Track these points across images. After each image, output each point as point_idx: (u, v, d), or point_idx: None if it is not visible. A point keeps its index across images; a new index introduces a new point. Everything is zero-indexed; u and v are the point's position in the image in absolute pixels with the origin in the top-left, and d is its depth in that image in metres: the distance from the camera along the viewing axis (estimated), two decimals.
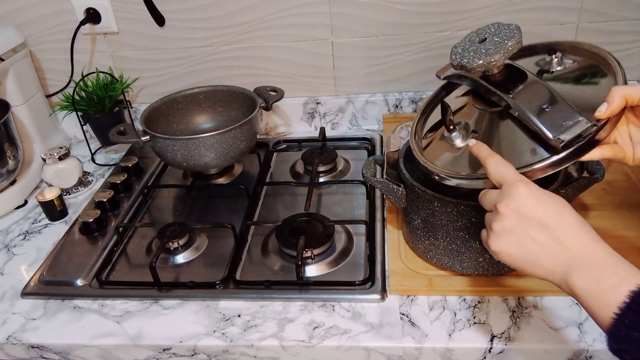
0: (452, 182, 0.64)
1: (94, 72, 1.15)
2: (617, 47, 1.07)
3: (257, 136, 1.03)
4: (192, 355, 0.71)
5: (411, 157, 0.81)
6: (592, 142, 0.56)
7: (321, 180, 1.02)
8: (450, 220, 0.69)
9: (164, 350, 0.71)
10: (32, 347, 0.74)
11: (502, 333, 0.67)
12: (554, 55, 0.67)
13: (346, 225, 0.87)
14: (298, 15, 1.08)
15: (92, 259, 0.86)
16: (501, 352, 0.66)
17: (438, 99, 0.77)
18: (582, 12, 1.03)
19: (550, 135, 0.57)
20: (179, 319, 0.74)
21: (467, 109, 0.70)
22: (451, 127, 0.67)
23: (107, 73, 1.13)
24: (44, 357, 0.75)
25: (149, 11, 1.10)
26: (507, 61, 0.66)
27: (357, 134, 1.17)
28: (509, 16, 1.04)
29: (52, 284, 0.82)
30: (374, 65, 1.13)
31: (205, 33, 1.12)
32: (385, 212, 0.89)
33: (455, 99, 0.74)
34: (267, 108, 1.04)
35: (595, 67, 0.66)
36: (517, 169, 0.56)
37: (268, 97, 1.04)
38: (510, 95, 0.62)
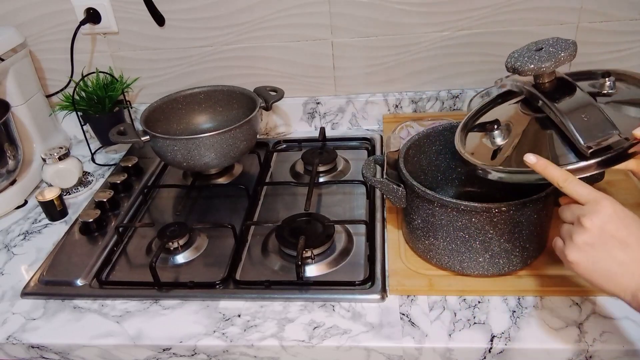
0: (494, 176, 0.66)
1: (94, 72, 1.15)
2: (617, 47, 1.07)
3: (257, 136, 1.03)
4: (192, 355, 0.71)
5: (411, 157, 0.81)
6: (621, 156, 0.59)
7: (321, 180, 1.02)
8: (450, 220, 0.70)
9: (164, 350, 0.71)
10: (32, 347, 0.74)
11: (502, 333, 0.67)
12: (607, 79, 0.70)
13: (346, 225, 0.87)
14: (298, 15, 1.08)
15: (92, 259, 0.86)
16: (501, 352, 0.66)
17: (493, 103, 0.80)
18: (582, 12, 1.03)
19: (581, 141, 0.60)
20: (179, 319, 0.74)
21: (515, 114, 0.73)
22: (495, 125, 0.70)
23: (107, 73, 1.13)
24: (44, 357, 0.75)
25: (149, 11, 1.10)
26: (561, 75, 0.69)
27: (357, 134, 1.17)
28: (509, 16, 1.04)
29: (52, 284, 0.82)
30: (374, 65, 1.13)
31: (205, 33, 1.12)
32: (385, 212, 0.89)
33: (507, 106, 0.77)
34: (267, 108, 1.04)
35: None
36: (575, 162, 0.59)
37: (268, 97, 1.04)
38: (554, 102, 0.65)
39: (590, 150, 0.59)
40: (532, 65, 0.65)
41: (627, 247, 0.52)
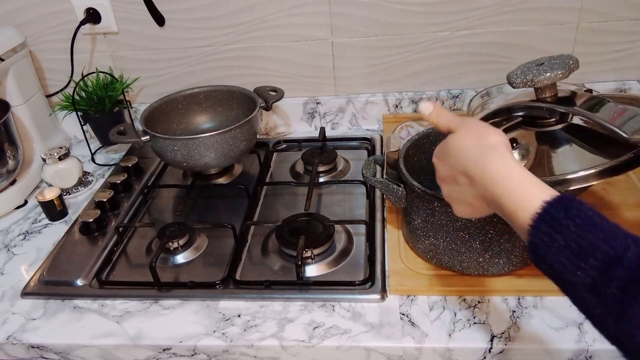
0: None
1: (94, 72, 1.15)
2: (617, 47, 1.07)
3: (257, 136, 1.03)
4: (192, 355, 0.71)
5: (411, 157, 0.81)
6: None
7: (321, 180, 1.02)
8: (450, 220, 0.70)
9: (164, 350, 0.71)
10: (32, 347, 0.74)
11: (502, 333, 0.67)
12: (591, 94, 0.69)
13: (346, 225, 0.87)
14: (298, 15, 1.08)
15: (92, 259, 0.86)
16: (501, 352, 0.66)
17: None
18: (582, 12, 1.03)
19: (625, 135, 0.58)
20: (179, 319, 0.74)
21: (520, 133, 0.71)
22: (514, 144, 0.68)
23: (107, 73, 1.13)
24: (44, 357, 0.75)
25: (149, 11, 1.10)
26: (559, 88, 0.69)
27: (357, 134, 1.17)
28: (509, 16, 1.04)
29: (52, 284, 0.82)
30: (374, 65, 1.13)
31: (205, 33, 1.12)
32: (385, 212, 0.89)
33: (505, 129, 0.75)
34: (267, 108, 1.04)
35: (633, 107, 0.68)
36: (588, 169, 0.59)
37: (268, 97, 1.04)
38: (575, 107, 0.64)
39: None
40: (548, 74, 0.64)
41: (472, 182, 0.51)
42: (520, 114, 0.71)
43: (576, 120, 0.65)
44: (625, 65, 1.09)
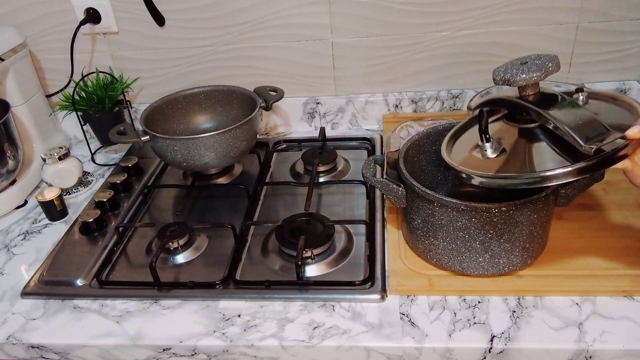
0: (476, 181, 0.66)
1: (94, 72, 1.15)
2: (617, 47, 1.07)
3: (257, 136, 1.03)
4: (192, 355, 0.71)
5: (411, 157, 0.81)
6: (620, 155, 0.60)
7: (321, 180, 1.02)
8: (450, 220, 0.70)
9: (164, 350, 0.71)
10: (32, 347, 0.74)
11: (502, 333, 0.67)
12: (580, 93, 0.71)
13: (346, 225, 0.87)
14: (298, 15, 1.08)
15: (92, 259, 0.86)
16: (501, 352, 0.66)
17: (469, 125, 0.80)
18: (582, 12, 1.03)
19: (582, 143, 0.61)
20: (179, 319, 0.74)
21: (500, 129, 0.74)
22: (487, 136, 0.70)
23: (107, 73, 1.14)
24: (44, 357, 0.75)
25: (149, 11, 1.10)
26: (543, 88, 0.71)
27: (357, 134, 1.17)
28: (509, 16, 1.04)
29: (52, 284, 0.82)
30: (374, 65, 1.13)
31: (205, 33, 1.12)
32: (385, 212, 0.89)
33: (490, 123, 0.77)
34: (267, 108, 1.04)
35: (617, 108, 0.70)
36: (546, 171, 0.61)
37: (268, 97, 1.04)
38: (547, 111, 0.67)
39: (593, 149, 0.60)
40: (524, 75, 0.67)
41: None
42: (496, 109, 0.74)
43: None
44: (625, 65, 1.09)
